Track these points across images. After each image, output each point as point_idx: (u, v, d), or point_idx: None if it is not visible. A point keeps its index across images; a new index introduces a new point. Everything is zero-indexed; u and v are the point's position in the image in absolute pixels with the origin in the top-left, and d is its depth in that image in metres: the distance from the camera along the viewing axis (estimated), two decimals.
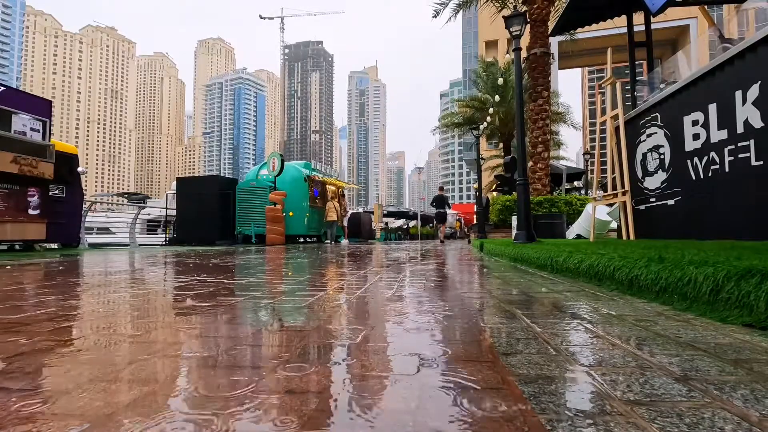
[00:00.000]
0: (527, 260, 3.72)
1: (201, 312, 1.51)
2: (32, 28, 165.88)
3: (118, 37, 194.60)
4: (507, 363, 0.89)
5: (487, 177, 26.82)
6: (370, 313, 1.50)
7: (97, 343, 1.08)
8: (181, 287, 2.25)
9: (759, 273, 1.31)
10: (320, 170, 19.21)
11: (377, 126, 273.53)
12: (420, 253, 6.30)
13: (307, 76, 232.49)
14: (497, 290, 2.09)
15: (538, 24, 10.64)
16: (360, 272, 3.06)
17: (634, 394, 0.71)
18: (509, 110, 20.61)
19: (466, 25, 53.46)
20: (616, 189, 4.88)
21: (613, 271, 2.10)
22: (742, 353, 0.95)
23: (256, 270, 3.32)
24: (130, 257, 5.32)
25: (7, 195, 5.86)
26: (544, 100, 10.85)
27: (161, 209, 14.94)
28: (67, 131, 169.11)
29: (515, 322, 1.32)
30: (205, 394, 0.72)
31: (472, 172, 65.71)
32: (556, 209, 9.45)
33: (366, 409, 0.66)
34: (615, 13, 6.90)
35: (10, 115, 5.98)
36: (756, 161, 2.96)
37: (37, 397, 0.71)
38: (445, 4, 14.87)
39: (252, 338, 1.13)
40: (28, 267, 3.64)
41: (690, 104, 3.77)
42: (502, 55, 28.30)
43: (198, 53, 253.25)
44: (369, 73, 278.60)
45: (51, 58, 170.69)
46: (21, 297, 1.90)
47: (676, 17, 25.65)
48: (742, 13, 6.09)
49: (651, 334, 1.14)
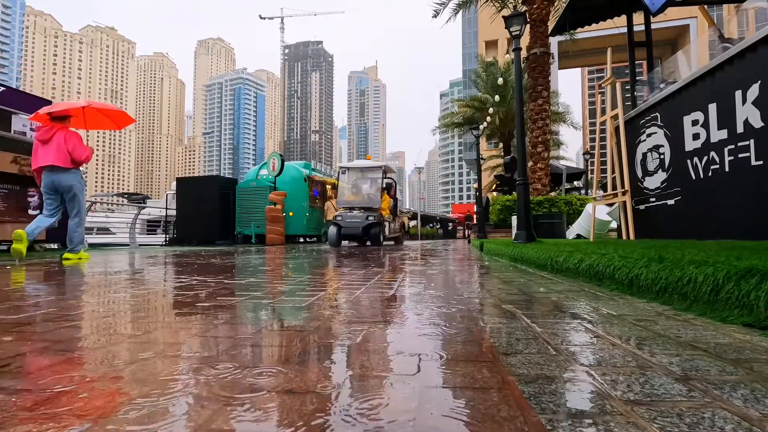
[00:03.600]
0: (527, 260, 3.72)
1: (201, 312, 1.51)
2: (32, 28, 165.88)
3: (118, 37, 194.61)
4: (507, 363, 0.89)
5: (487, 177, 26.82)
6: (370, 313, 1.50)
7: (98, 343, 1.08)
8: (182, 287, 2.25)
9: (759, 273, 1.31)
10: (320, 170, 19.20)
11: (377, 126, 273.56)
12: (420, 253, 6.30)
13: (307, 76, 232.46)
14: (497, 290, 2.09)
15: (537, 24, 10.64)
16: (360, 272, 3.06)
17: (634, 393, 0.71)
18: (509, 110, 20.62)
19: (466, 25, 53.46)
20: (616, 189, 4.88)
21: (613, 271, 2.10)
22: (742, 353, 0.95)
23: (257, 270, 3.32)
24: (131, 257, 5.32)
25: (7, 195, 5.86)
26: (544, 100, 10.85)
27: (161, 209, 14.94)
28: None
29: (515, 321, 1.32)
30: (205, 394, 0.72)
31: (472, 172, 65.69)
32: (556, 209, 9.45)
33: (366, 409, 0.65)
34: (615, 13, 6.91)
35: (10, 116, 5.99)
36: (756, 161, 2.96)
37: (37, 397, 0.71)
38: (445, 4, 14.87)
39: (252, 338, 1.13)
40: (29, 267, 3.64)
41: (690, 104, 3.77)
42: (502, 55, 28.30)
43: (198, 53, 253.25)
44: (369, 73, 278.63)
45: (51, 58, 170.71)
46: (21, 297, 1.90)
47: (675, 17, 25.64)
48: (742, 13, 6.09)
49: (651, 334, 1.14)
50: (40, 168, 4.50)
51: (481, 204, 13.63)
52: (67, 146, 4.52)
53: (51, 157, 4.46)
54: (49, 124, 4.56)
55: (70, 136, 4.61)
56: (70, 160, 4.55)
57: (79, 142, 4.65)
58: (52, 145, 4.49)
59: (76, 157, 4.57)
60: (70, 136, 4.59)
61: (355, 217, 9.46)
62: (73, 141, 4.58)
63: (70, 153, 4.54)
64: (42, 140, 4.50)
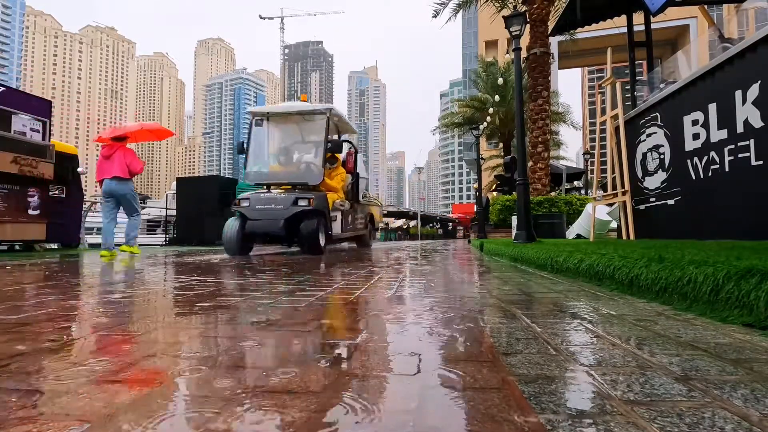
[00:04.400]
0: (527, 260, 3.72)
1: (201, 312, 1.51)
2: (32, 29, 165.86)
3: (117, 37, 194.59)
4: (507, 363, 0.89)
5: (487, 177, 26.82)
6: (370, 313, 1.50)
7: (98, 343, 1.08)
8: (182, 287, 2.25)
9: (759, 273, 1.31)
10: None
11: (377, 126, 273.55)
12: (420, 253, 6.30)
13: (307, 76, 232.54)
14: (497, 290, 2.09)
15: (537, 24, 10.64)
16: (360, 272, 3.06)
17: (634, 393, 0.71)
18: (509, 110, 20.62)
19: (466, 25, 53.45)
20: (616, 189, 4.88)
21: (613, 271, 2.10)
22: (742, 353, 0.95)
23: (257, 270, 3.32)
24: (131, 257, 5.32)
25: (7, 195, 5.86)
26: (544, 100, 10.85)
27: (161, 209, 14.94)
28: (67, 131, 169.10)
29: (515, 321, 1.32)
30: (205, 393, 0.72)
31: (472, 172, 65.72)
32: (556, 209, 9.45)
33: (366, 408, 0.65)
34: (615, 13, 6.91)
35: (10, 116, 5.98)
36: (756, 161, 2.96)
37: (36, 397, 0.71)
38: (445, 4, 14.87)
39: (252, 338, 1.13)
40: (28, 267, 3.64)
41: (690, 104, 3.77)
42: (502, 55, 28.29)
43: (198, 53, 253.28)
44: (369, 73, 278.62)
45: (51, 58, 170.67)
46: (21, 297, 1.90)
47: (675, 17, 25.63)
48: (741, 13, 6.09)
49: (651, 334, 1.14)
50: (103, 179, 5.67)
51: (481, 204, 13.63)
52: (125, 161, 5.66)
53: (114, 170, 5.58)
54: (111, 144, 5.69)
55: (128, 152, 5.77)
56: (128, 171, 5.68)
57: (135, 157, 5.81)
58: (114, 160, 5.61)
59: (132, 169, 5.72)
60: (127, 153, 5.75)
61: (272, 201, 5.53)
62: (129, 156, 5.74)
63: (128, 166, 5.68)
64: (105, 156, 5.66)
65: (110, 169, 5.58)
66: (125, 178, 5.66)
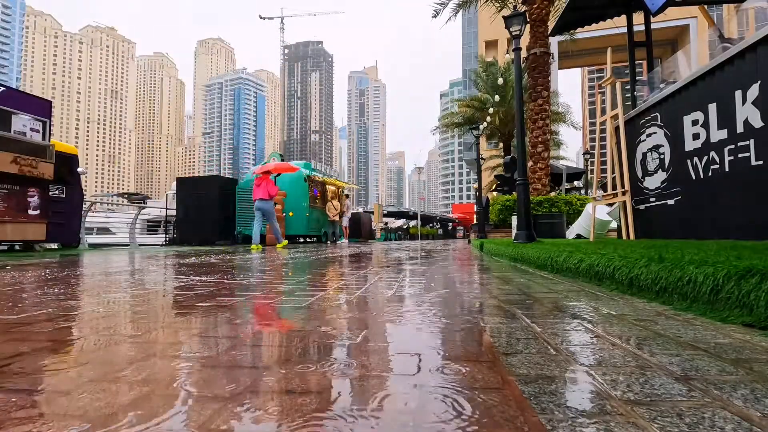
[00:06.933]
0: (527, 260, 3.72)
1: (201, 312, 1.51)
2: (32, 29, 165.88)
3: (117, 37, 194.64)
4: (507, 363, 0.89)
5: (487, 177, 26.82)
6: (370, 313, 1.50)
7: (97, 342, 1.08)
8: (182, 287, 2.25)
9: (759, 273, 1.30)
10: (320, 170, 19.18)
11: (377, 126, 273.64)
12: (420, 253, 6.30)
13: (306, 76, 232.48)
14: (497, 290, 2.09)
15: (537, 24, 10.64)
16: (360, 272, 3.06)
17: (634, 393, 0.71)
18: (509, 110, 20.61)
19: (466, 25, 53.43)
20: (616, 189, 4.88)
21: (613, 271, 2.10)
22: (742, 353, 0.95)
23: (257, 270, 3.32)
24: (131, 257, 5.32)
25: (7, 195, 5.86)
26: (544, 100, 10.85)
27: (161, 209, 14.95)
28: (67, 131, 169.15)
29: (515, 321, 1.32)
30: (205, 393, 0.72)
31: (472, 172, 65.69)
32: (556, 209, 9.45)
33: (366, 408, 0.66)
34: (615, 13, 6.91)
35: (10, 116, 5.98)
36: (756, 161, 2.96)
37: (36, 397, 0.71)
38: (445, 4, 14.88)
39: (252, 337, 1.13)
40: (28, 267, 3.64)
41: (690, 104, 3.77)
42: (502, 55, 28.31)
43: (198, 53, 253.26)
44: (369, 73, 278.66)
45: (51, 59, 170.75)
46: (21, 297, 1.90)
47: (675, 17, 25.64)
48: (741, 13, 6.09)
49: (651, 334, 1.14)
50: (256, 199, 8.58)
51: (481, 204, 13.63)
52: (267, 188, 8.66)
53: (260, 194, 8.56)
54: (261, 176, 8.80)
55: (269, 182, 8.79)
56: (269, 195, 8.64)
57: (273, 185, 8.84)
58: (261, 187, 8.61)
59: (271, 193, 8.70)
60: (268, 182, 8.77)
61: None
62: (270, 185, 8.73)
63: (269, 192, 8.65)
64: (257, 185, 8.68)
65: (260, 193, 8.55)
66: (267, 199, 8.60)
